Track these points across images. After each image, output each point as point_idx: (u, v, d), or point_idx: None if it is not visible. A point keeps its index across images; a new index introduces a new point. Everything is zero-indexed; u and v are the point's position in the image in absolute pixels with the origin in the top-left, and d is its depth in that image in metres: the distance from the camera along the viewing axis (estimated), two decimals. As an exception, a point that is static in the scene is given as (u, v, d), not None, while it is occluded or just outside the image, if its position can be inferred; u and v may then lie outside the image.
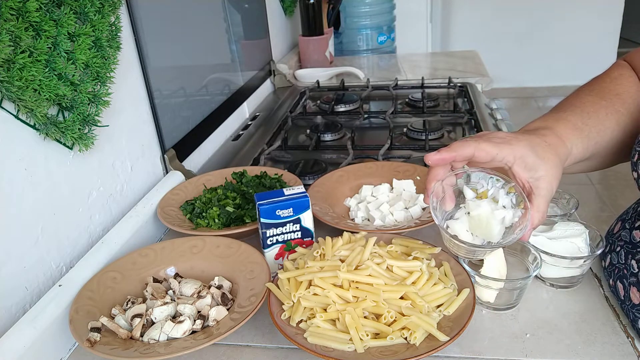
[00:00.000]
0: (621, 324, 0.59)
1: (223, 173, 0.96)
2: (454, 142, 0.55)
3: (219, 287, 0.66)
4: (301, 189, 0.70)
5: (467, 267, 0.63)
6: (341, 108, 1.39)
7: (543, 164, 0.53)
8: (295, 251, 0.70)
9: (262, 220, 0.67)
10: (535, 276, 0.67)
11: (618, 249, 0.62)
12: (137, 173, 0.89)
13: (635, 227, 0.60)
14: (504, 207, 0.54)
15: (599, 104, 0.61)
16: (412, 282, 0.60)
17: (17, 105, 0.61)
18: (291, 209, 0.68)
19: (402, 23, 2.46)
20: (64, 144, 0.70)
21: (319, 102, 1.46)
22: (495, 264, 0.61)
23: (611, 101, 0.62)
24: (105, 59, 0.74)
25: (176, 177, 0.95)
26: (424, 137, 1.15)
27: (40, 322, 0.59)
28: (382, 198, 0.84)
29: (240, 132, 1.30)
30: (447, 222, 0.58)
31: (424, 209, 0.82)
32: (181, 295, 0.66)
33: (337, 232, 0.71)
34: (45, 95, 0.63)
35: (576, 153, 0.58)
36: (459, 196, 0.58)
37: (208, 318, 0.61)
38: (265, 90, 1.60)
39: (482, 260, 0.65)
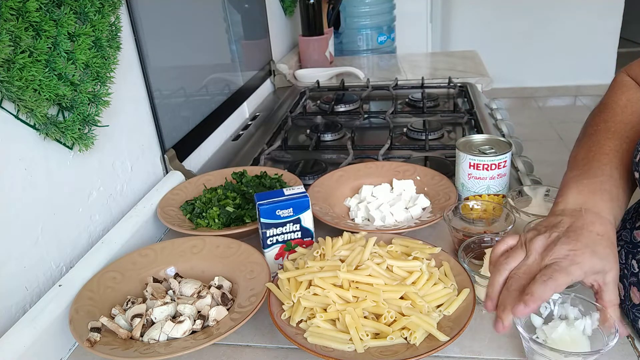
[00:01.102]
0: (621, 324, 0.59)
1: (223, 173, 0.96)
2: (534, 287, 0.50)
3: (219, 287, 0.66)
4: (301, 189, 0.70)
5: (466, 267, 0.63)
6: (341, 108, 1.39)
7: (607, 261, 0.52)
8: (295, 251, 0.70)
9: (262, 220, 0.67)
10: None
11: (618, 248, 0.62)
12: (137, 173, 0.89)
13: (636, 227, 0.60)
14: (576, 318, 0.54)
15: (621, 148, 0.62)
16: (412, 282, 0.60)
17: (17, 105, 0.61)
18: (291, 209, 0.68)
19: (402, 23, 2.45)
20: (64, 144, 0.70)
21: (319, 102, 1.46)
22: None
23: (630, 139, 0.62)
24: (105, 59, 0.74)
25: (176, 177, 0.95)
26: (424, 137, 1.15)
27: (40, 322, 0.59)
28: (382, 198, 0.84)
29: (240, 132, 1.30)
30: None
31: (424, 209, 0.82)
32: (181, 295, 0.66)
33: (337, 232, 0.71)
34: (45, 95, 0.63)
35: (618, 217, 0.58)
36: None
37: (208, 318, 0.61)
38: (265, 90, 1.60)
39: (482, 260, 0.65)
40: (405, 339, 0.56)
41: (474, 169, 0.79)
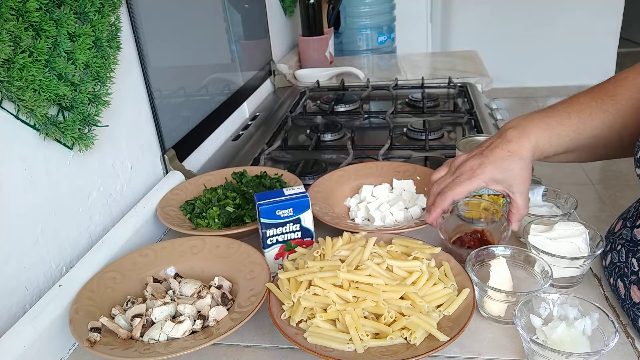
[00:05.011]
0: (621, 324, 0.59)
1: (223, 173, 0.96)
2: (435, 194, 0.69)
3: (219, 287, 0.66)
4: (301, 189, 0.70)
5: (477, 279, 0.61)
6: (341, 108, 1.39)
7: (509, 174, 0.65)
8: (295, 251, 0.70)
9: (262, 220, 0.67)
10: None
11: (619, 247, 0.62)
12: (137, 173, 0.89)
13: (637, 226, 0.60)
14: (576, 318, 0.54)
15: (587, 104, 0.66)
16: (412, 282, 0.60)
17: (17, 105, 0.61)
18: (291, 209, 0.68)
19: (402, 23, 2.45)
20: (64, 144, 0.70)
21: (319, 102, 1.46)
22: (501, 278, 0.61)
23: (603, 102, 0.65)
24: (105, 59, 0.74)
25: (176, 177, 0.95)
26: (424, 137, 1.15)
27: (40, 322, 0.59)
28: (382, 198, 0.84)
29: (240, 132, 1.30)
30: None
31: (423, 209, 0.82)
32: (181, 295, 0.66)
33: (337, 232, 0.71)
34: (45, 95, 0.63)
35: (543, 147, 0.65)
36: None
37: (208, 318, 0.61)
38: (265, 90, 1.60)
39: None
40: (405, 339, 0.56)
41: (474, 168, 0.79)
